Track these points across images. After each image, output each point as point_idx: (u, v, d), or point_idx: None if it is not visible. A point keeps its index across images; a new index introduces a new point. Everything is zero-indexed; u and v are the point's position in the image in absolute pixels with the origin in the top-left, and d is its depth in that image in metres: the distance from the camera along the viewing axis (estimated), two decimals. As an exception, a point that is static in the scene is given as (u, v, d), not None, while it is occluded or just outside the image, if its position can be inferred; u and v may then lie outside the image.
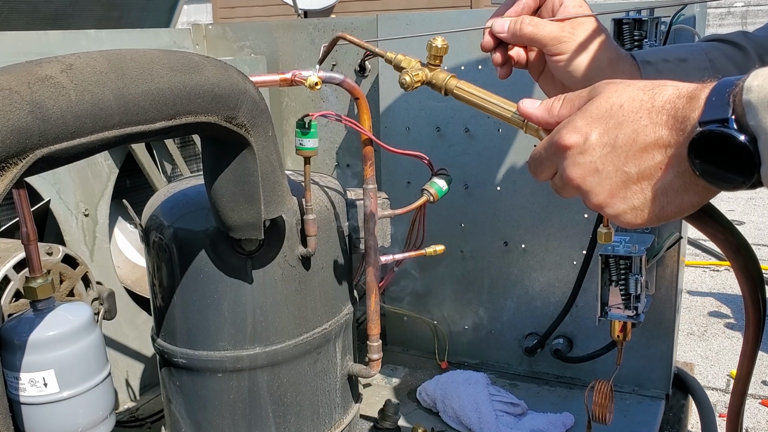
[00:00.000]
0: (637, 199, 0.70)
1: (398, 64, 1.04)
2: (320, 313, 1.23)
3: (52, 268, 1.29)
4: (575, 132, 0.72)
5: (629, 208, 0.71)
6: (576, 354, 1.76)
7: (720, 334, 3.20)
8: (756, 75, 0.61)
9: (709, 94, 0.64)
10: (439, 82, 0.99)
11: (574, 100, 0.76)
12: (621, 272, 1.41)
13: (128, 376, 1.78)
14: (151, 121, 0.83)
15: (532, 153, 0.79)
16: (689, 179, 0.66)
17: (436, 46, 0.99)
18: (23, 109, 0.70)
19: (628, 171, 0.69)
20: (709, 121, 0.63)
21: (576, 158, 0.72)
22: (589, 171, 0.71)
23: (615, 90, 0.71)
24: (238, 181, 1.01)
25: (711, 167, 0.64)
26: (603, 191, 0.71)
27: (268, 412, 1.20)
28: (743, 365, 0.89)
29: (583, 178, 0.72)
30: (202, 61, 0.90)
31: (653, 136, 0.67)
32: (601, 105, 0.71)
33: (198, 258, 1.14)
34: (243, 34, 2.14)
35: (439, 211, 1.79)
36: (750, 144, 0.61)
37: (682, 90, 0.67)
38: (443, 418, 1.63)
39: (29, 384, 1.04)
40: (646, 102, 0.68)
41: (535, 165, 0.79)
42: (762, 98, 0.60)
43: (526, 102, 0.83)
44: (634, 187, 0.70)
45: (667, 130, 0.67)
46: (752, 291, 0.79)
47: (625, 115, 0.69)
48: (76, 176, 1.63)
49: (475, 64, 1.72)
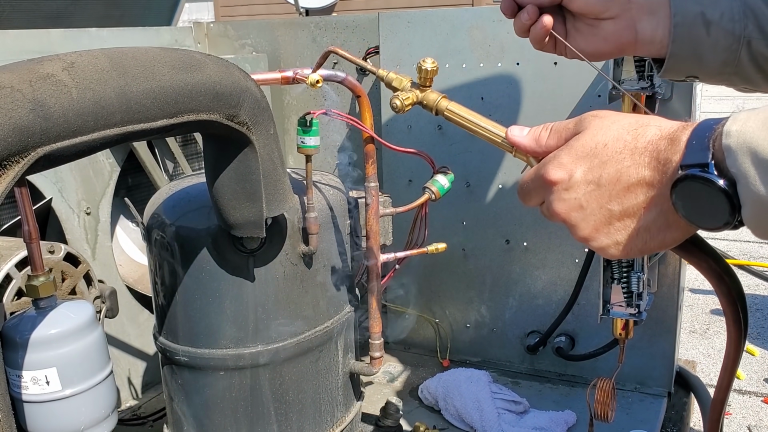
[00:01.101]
0: (620, 235, 0.72)
1: (390, 83, 1.04)
2: (322, 311, 1.23)
3: (54, 266, 1.29)
4: (560, 168, 0.74)
5: (613, 243, 0.73)
6: (578, 352, 1.76)
7: (722, 332, 3.20)
8: (735, 119, 0.63)
9: (690, 138, 0.66)
10: (430, 103, 0.99)
11: (561, 132, 0.78)
12: (623, 270, 1.41)
13: (130, 374, 1.78)
14: (152, 119, 0.83)
15: (521, 181, 0.81)
16: (672, 217, 0.68)
17: (425, 69, 0.99)
18: (25, 108, 0.70)
19: (611, 209, 0.71)
20: (690, 165, 0.64)
21: (561, 194, 0.75)
22: (573, 207, 0.74)
23: (600, 127, 0.73)
24: (239, 179, 1.00)
25: (693, 210, 0.65)
26: (588, 226, 0.74)
27: (270, 410, 1.20)
28: (724, 378, 0.90)
29: (568, 213, 0.75)
30: (203, 59, 0.90)
31: (636, 176, 0.69)
32: (586, 143, 0.73)
33: (200, 256, 1.14)
34: (244, 32, 2.14)
35: (441, 209, 1.78)
36: (729, 188, 0.63)
37: (664, 131, 0.69)
38: (445, 416, 1.63)
39: (31, 382, 1.04)
40: (630, 143, 0.70)
41: (523, 193, 0.81)
42: (741, 143, 0.61)
43: (515, 130, 0.84)
44: (617, 223, 0.72)
45: (649, 171, 0.69)
46: (734, 313, 0.81)
47: (609, 155, 0.71)
48: (77, 174, 1.63)
49: (476, 62, 1.72)
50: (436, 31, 1.75)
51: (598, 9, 1.02)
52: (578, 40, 1.06)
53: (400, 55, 1.81)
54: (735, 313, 0.80)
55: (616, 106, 1.48)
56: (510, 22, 1.11)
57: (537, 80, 1.67)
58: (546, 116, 1.67)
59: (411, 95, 1.00)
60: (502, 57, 1.69)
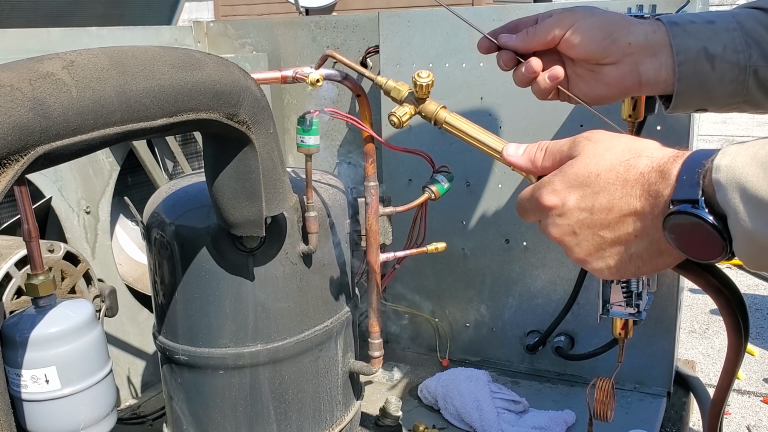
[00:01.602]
0: (612, 260, 0.74)
1: (388, 92, 1.04)
2: (321, 311, 1.23)
3: (54, 265, 1.29)
4: (554, 195, 0.76)
5: (606, 267, 0.75)
6: (577, 351, 1.76)
7: (721, 332, 3.20)
8: (724, 154, 0.64)
9: (680, 172, 0.67)
10: (429, 114, 0.99)
11: (555, 154, 0.79)
12: (623, 270, 1.40)
13: (130, 373, 1.78)
14: (152, 118, 0.83)
15: (518, 198, 0.83)
16: (663, 246, 0.70)
17: (421, 84, 0.99)
18: (25, 106, 0.70)
19: (603, 236, 0.73)
20: (680, 201, 0.66)
21: (555, 219, 0.76)
22: (566, 232, 0.76)
23: (593, 155, 0.74)
24: (239, 178, 1.00)
25: (685, 243, 0.67)
26: (581, 251, 0.76)
27: (269, 409, 1.20)
28: (724, 379, 0.90)
29: (562, 238, 0.77)
30: (203, 58, 0.90)
31: (627, 207, 0.71)
32: (579, 171, 0.74)
33: (199, 255, 1.14)
34: (244, 31, 2.14)
35: (441, 208, 1.78)
36: (719, 223, 0.64)
37: (655, 162, 0.70)
38: (444, 416, 1.63)
39: (31, 381, 1.04)
40: (621, 174, 0.71)
41: (521, 210, 0.83)
42: (730, 178, 0.62)
43: (510, 149, 0.85)
44: (609, 249, 0.74)
45: (640, 202, 0.70)
46: (734, 324, 0.82)
47: (601, 185, 0.72)
48: (77, 173, 1.63)
49: (476, 62, 1.72)
50: (436, 30, 1.75)
51: (598, 55, 1.01)
52: (580, 85, 1.05)
53: (400, 54, 1.81)
54: (735, 324, 0.81)
55: (617, 106, 1.48)
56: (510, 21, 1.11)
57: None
58: (546, 116, 1.67)
59: (408, 110, 1.01)
60: (502, 56, 1.69)
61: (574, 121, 1.65)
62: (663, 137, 1.59)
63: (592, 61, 1.02)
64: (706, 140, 6.99)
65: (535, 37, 1.04)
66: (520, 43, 1.05)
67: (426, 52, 1.77)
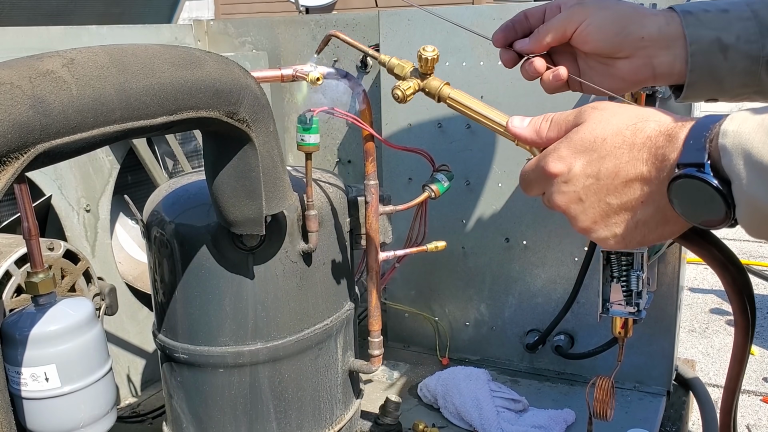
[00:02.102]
0: (618, 227, 0.73)
1: (391, 69, 1.04)
2: (321, 309, 1.23)
3: (54, 263, 1.29)
4: (560, 161, 0.75)
5: (611, 235, 0.74)
6: (577, 350, 1.76)
7: (721, 331, 3.20)
8: (732, 119, 0.63)
9: (687, 136, 0.66)
10: (432, 91, 0.99)
11: (560, 124, 0.78)
12: (622, 269, 1.41)
13: (129, 371, 1.78)
14: (152, 116, 0.83)
15: (522, 171, 0.82)
16: (669, 213, 0.69)
17: (426, 57, 0.98)
18: (24, 104, 0.70)
19: (609, 202, 0.72)
20: (686, 164, 0.65)
21: (561, 186, 0.75)
22: (572, 200, 0.75)
23: (599, 120, 0.73)
24: (239, 177, 1.00)
25: (689, 208, 0.66)
26: (587, 219, 0.75)
27: (269, 407, 1.20)
28: (734, 367, 0.90)
29: (568, 206, 0.75)
30: (203, 56, 0.90)
31: (633, 172, 0.70)
32: (585, 136, 0.73)
33: (199, 254, 1.14)
34: (244, 30, 2.14)
35: (441, 207, 1.78)
36: (724, 188, 0.63)
37: (663, 127, 0.69)
38: (444, 415, 1.63)
39: (31, 379, 1.04)
40: (628, 138, 0.70)
41: (525, 183, 0.82)
42: (736, 144, 0.61)
43: (515, 121, 0.84)
44: (615, 217, 0.73)
45: (647, 166, 0.69)
46: (740, 302, 0.81)
47: (607, 150, 0.71)
48: (77, 172, 1.63)
49: (476, 60, 1.71)
50: (436, 29, 1.75)
51: (610, 50, 0.99)
52: (593, 78, 1.04)
53: (401, 53, 1.79)
54: (741, 303, 0.81)
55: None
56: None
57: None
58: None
59: (413, 84, 1.00)
60: (502, 55, 1.68)
61: (575, 120, 1.65)
62: (663, 136, 1.59)
63: (604, 56, 1.01)
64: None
65: (546, 35, 1.03)
66: (535, 45, 1.04)
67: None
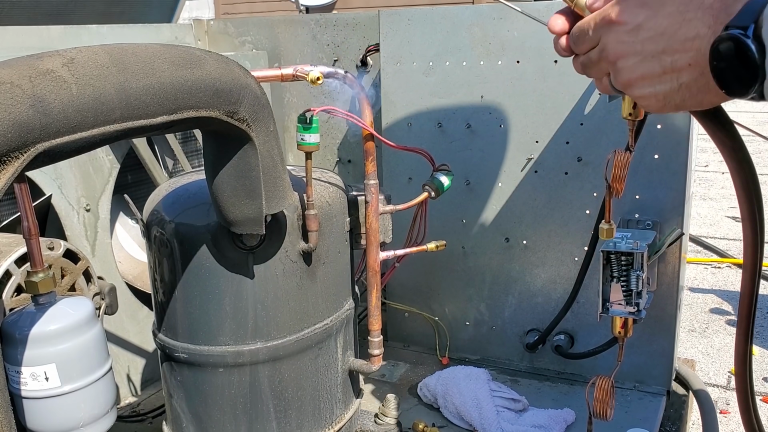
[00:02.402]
0: (663, 87, 0.73)
1: None
2: (321, 309, 1.23)
3: (54, 262, 1.29)
4: (628, 11, 0.75)
5: (653, 94, 0.74)
6: (577, 350, 1.76)
7: (721, 331, 3.20)
8: None
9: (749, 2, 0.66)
10: None
11: None
12: (622, 268, 1.41)
13: (129, 371, 1.79)
14: (152, 116, 0.82)
15: (578, 23, 0.81)
16: (711, 81, 0.69)
17: None
18: (24, 103, 0.70)
19: (663, 59, 0.72)
20: (735, 26, 0.65)
21: (622, 36, 0.75)
22: (630, 51, 0.74)
23: None
24: (239, 176, 1.00)
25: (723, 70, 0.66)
26: (635, 72, 0.74)
27: (269, 407, 1.20)
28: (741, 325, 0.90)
29: (623, 56, 0.75)
30: (203, 56, 0.90)
31: (694, 32, 0.70)
32: None
33: (199, 253, 1.14)
34: (244, 29, 2.14)
35: (441, 207, 1.78)
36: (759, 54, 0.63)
37: None
38: (444, 414, 1.63)
39: (31, 378, 1.04)
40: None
41: (578, 36, 0.81)
42: None
43: None
44: (665, 76, 0.73)
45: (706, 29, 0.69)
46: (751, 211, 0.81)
47: (676, 5, 0.71)
48: (77, 171, 1.63)
49: (476, 60, 1.72)
50: (436, 28, 1.75)
51: None
52: None
53: (401, 52, 1.81)
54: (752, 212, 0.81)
55: (617, 105, 1.48)
56: (510, 20, 1.10)
57: (537, 78, 1.67)
58: (546, 114, 1.67)
59: None
60: (502, 55, 1.69)
61: (575, 119, 1.65)
62: (663, 136, 1.59)
63: None
64: (707, 139, 6.98)
65: None
66: None
67: (426, 51, 1.76)
